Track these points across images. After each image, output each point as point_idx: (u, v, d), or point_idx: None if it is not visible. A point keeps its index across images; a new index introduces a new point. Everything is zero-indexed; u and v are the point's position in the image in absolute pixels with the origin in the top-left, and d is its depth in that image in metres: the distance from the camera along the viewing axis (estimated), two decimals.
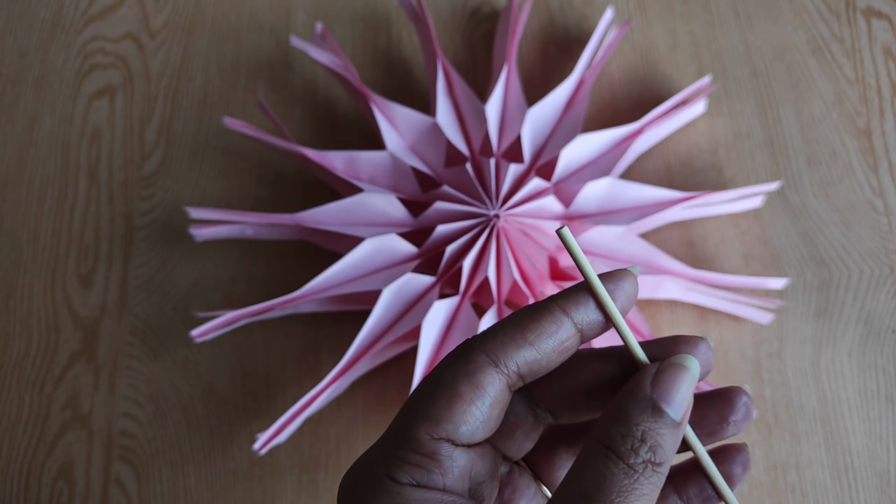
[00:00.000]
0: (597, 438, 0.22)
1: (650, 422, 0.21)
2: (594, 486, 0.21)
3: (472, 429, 0.22)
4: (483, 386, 0.22)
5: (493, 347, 0.23)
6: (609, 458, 0.21)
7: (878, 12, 0.55)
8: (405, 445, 0.22)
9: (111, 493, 0.46)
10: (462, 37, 0.57)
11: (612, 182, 0.47)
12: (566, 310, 0.23)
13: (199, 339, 0.43)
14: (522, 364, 0.23)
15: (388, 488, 0.21)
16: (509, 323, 0.23)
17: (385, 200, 0.47)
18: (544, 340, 0.23)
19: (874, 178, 0.51)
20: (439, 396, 0.22)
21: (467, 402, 0.22)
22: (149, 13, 0.58)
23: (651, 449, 0.21)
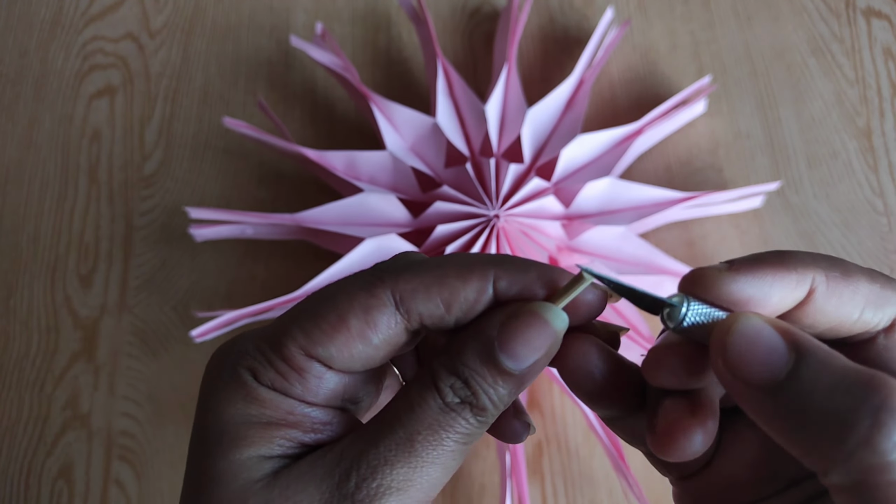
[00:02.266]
0: (427, 368, 0.21)
1: (480, 368, 0.20)
2: (407, 414, 0.20)
3: (350, 363, 0.21)
4: (376, 326, 0.21)
5: (404, 289, 0.21)
6: (429, 389, 0.20)
7: (878, 12, 0.55)
8: (277, 351, 0.21)
9: (111, 492, 0.46)
10: (462, 37, 0.57)
11: (612, 182, 0.47)
12: (497, 280, 0.21)
13: (199, 339, 0.43)
14: (427, 317, 0.21)
15: (246, 382, 0.21)
16: (431, 269, 0.21)
17: (385, 200, 0.47)
18: (458, 303, 0.21)
19: (874, 178, 0.51)
20: (325, 318, 0.20)
21: (353, 336, 0.20)
22: (149, 13, 0.58)
23: (474, 393, 0.20)
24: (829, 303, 0.19)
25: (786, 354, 0.18)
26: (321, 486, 0.20)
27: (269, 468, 0.20)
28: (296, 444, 0.21)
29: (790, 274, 0.19)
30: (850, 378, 0.17)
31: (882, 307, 0.20)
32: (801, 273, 0.19)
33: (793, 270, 0.19)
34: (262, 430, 0.21)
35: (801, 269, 0.19)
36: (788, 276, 0.19)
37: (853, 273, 0.20)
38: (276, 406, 0.21)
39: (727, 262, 0.20)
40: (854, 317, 0.20)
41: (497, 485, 0.45)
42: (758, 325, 0.18)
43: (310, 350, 0.21)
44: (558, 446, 0.46)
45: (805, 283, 0.19)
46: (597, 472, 0.46)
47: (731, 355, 0.18)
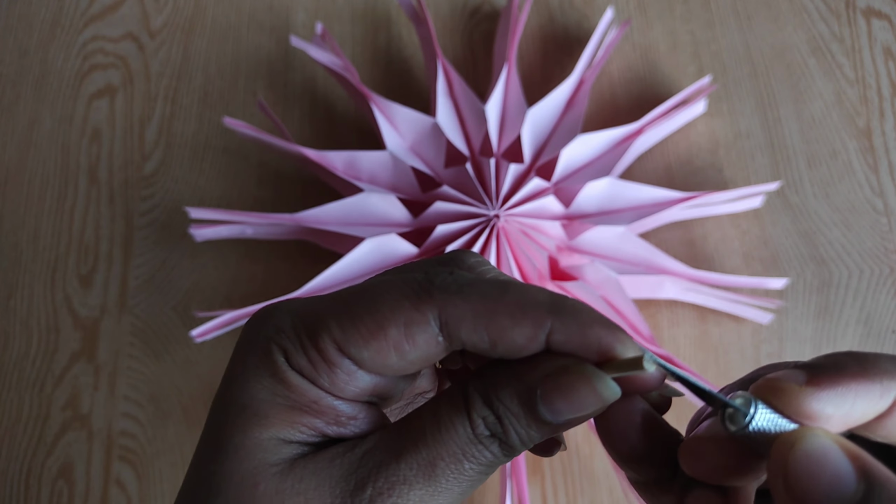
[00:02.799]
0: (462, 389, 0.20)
1: (516, 410, 0.19)
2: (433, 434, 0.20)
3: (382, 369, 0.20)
4: (415, 342, 0.20)
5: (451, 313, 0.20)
6: (460, 414, 0.20)
7: (878, 12, 0.55)
8: (311, 338, 0.20)
9: (111, 493, 0.46)
10: (462, 36, 0.57)
11: (612, 182, 0.47)
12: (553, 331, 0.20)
13: (200, 339, 0.43)
14: (470, 346, 0.20)
15: (276, 362, 0.20)
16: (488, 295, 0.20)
17: (385, 200, 0.47)
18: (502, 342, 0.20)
19: (874, 178, 0.51)
20: (363, 321, 0.20)
21: (390, 346, 0.20)
22: (149, 13, 0.58)
23: (505, 433, 0.20)
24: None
25: (853, 483, 0.16)
26: (335, 489, 0.19)
27: (286, 453, 0.20)
28: (318, 434, 0.21)
29: (874, 386, 0.18)
30: None
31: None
32: (886, 384, 0.18)
33: (877, 382, 0.18)
34: (286, 413, 0.20)
35: (886, 380, 0.18)
36: (872, 389, 0.18)
37: None
38: (302, 392, 0.20)
39: (802, 369, 0.18)
40: None
41: (497, 484, 0.45)
42: (825, 446, 0.17)
43: (343, 347, 0.20)
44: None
45: (890, 394, 0.18)
46: (597, 471, 0.46)
47: (792, 475, 0.17)
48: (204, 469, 0.20)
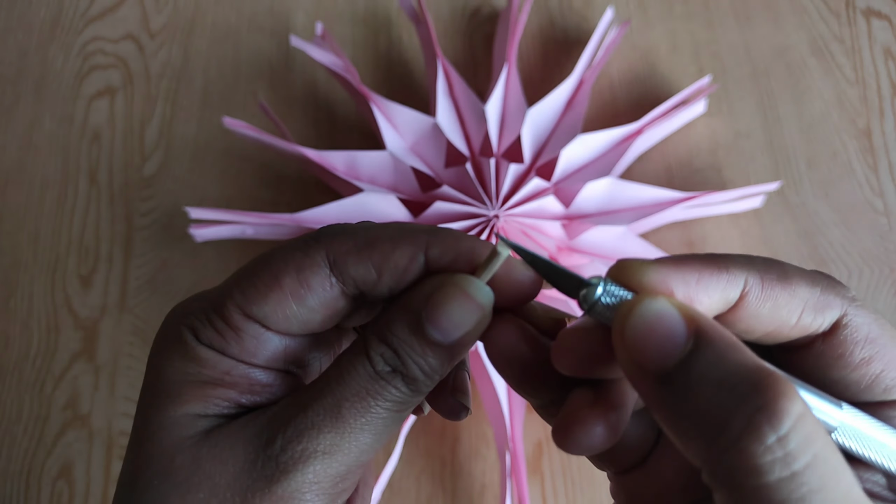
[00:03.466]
0: (360, 336, 0.21)
1: (409, 339, 0.20)
2: (337, 380, 0.20)
3: (286, 323, 0.21)
4: (310, 287, 0.21)
5: (337, 251, 0.21)
6: (360, 356, 0.20)
7: (878, 12, 0.56)
8: (216, 310, 0.21)
9: (111, 493, 0.46)
10: (462, 37, 0.57)
11: (612, 182, 0.47)
12: (429, 248, 0.21)
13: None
14: (360, 281, 0.21)
15: (185, 341, 0.21)
16: (365, 232, 0.21)
17: (385, 200, 0.47)
18: (389, 269, 0.21)
19: (874, 178, 0.51)
20: (260, 278, 0.21)
21: (286, 296, 0.21)
22: (149, 14, 0.58)
23: (403, 363, 0.20)
24: (763, 306, 0.19)
25: (683, 342, 0.17)
26: (248, 447, 0.20)
27: (202, 426, 0.21)
28: (232, 405, 0.21)
29: (720, 273, 0.19)
30: (740, 375, 0.16)
31: (822, 311, 0.19)
32: (733, 273, 0.19)
33: (724, 270, 0.19)
34: (198, 388, 0.21)
35: (734, 271, 0.19)
36: (718, 276, 0.19)
37: (792, 276, 0.19)
38: (213, 365, 0.21)
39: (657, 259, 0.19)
40: (791, 322, 0.19)
41: (497, 484, 0.45)
42: (661, 307, 0.17)
43: (246, 309, 0.21)
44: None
45: (736, 284, 0.19)
46: (597, 471, 0.46)
47: (628, 335, 0.17)
48: (130, 453, 0.21)
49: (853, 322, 0.19)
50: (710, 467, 0.16)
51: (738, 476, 0.15)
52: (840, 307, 0.19)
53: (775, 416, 0.15)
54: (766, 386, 0.16)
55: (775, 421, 0.15)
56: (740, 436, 0.15)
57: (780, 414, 0.15)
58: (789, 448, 0.15)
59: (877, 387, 0.19)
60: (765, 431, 0.15)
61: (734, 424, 0.15)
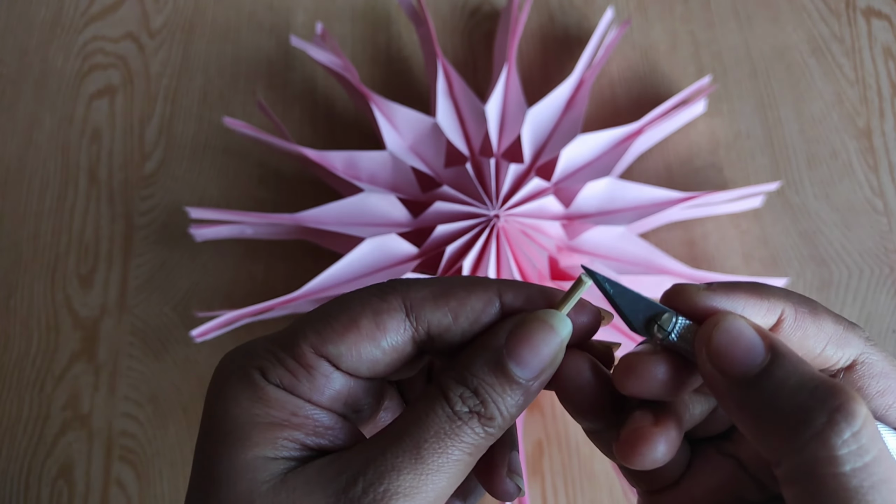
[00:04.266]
0: (436, 381, 0.22)
1: (488, 377, 0.21)
2: (414, 422, 0.21)
3: (357, 364, 0.22)
4: (386, 330, 0.22)
5: (413, 297, 0.22)
6: (438, 399, 0.21)
7: (878, 12, 0.55)
8: (288, 349, 0.21)
9: (111, 493, 0.46)
10: (462, 36, 0.57)
11: (612, 182, 0.47)
12: (502, 294, 0.22)
13: (200, 338, 0.43)
14: (435, 326, 0.22)
15: (254, 380, 0.21)
16: (440, 282, 0.22)
17: (385, 200, 0.47)
18: (465, 313, 0.22)
19: (874, 178, 0.51)
20: (338, 319, 0.21)
21: (362, 337, 0.21)
22: (149, 13, 0.58)
23: (483, 403, 0.21)
24: (794, 334, 0.21)
25: (762, 353, 0.20)
26: (327, 490, 0.20)
27: (275, 470, 0.21)
28: (299, 446, 0.21)
29: (762, 301, 0.21)
30: (816, 381, 0.19)
31: (843, 347, 0.21)
32: (773, 303, 0.21)
33: (765, 299, 0.21)
34: (266, 430, 0.21)
35: (773, 300, 0.21)
36: (760, 303, 0.21)
37: (820, 312, 0.21)
38: (281, 405, 0.21)
39: (706, 284, 0.22)
40: (817, 351, 0.21)
41: None
42: (741, 325, 0.20)
43: (320, 348, 0.21)
44: (559, 446, 0.46)
45: (775, 312, 0.21)
46: (597, 471, 0.46)
47: (714, 346, 0.20)
48: (198, 496, 0.21)
49: (869, 359, 0.22)
50: (790, 458, 0.18)
51: (819, 466, 0.18)
52: (858, 346, 0.21)
53: (851, 415, 0.18)
54: (839, 389, 0.18)
55: (851, 419, 0.18)
56: (823, 429, 0.18)
57: (854, 413, 0.18)
58: (862, 442, 0.18)
59: (892, 416, 0.21)
60: (842, 427, 0.18)
61: (817, 420, 0.18)
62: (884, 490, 0.18)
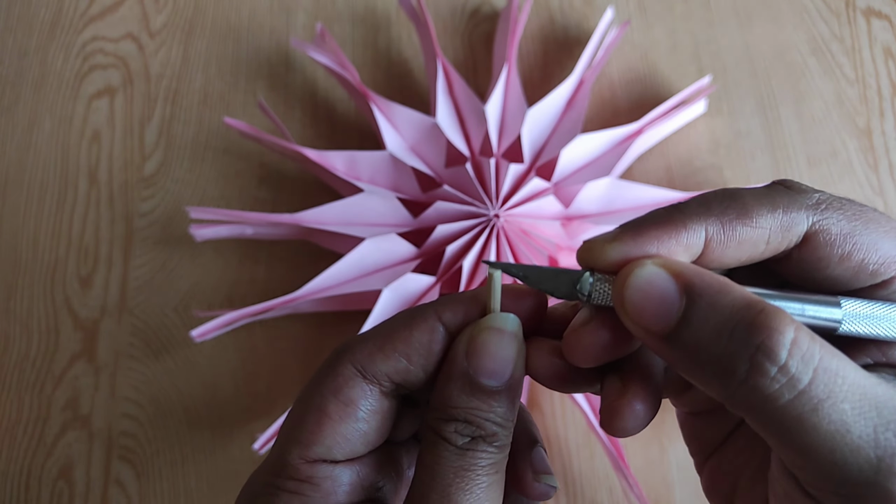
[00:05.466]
0: (426, 425, 0.21)
1: (469, 400, 0.21)
2: (430, 475, 0.20)
3: (349, 447, 0.21)
4: (353, 401, 0.21)
5: (361, 358, 0.21)
6: (438, 443, 0.21)
7: (878, 12, 0.56)
8: (282, 473, 0.21)
9: (111, 493, 0.46)
10: (462, 37, 0.57)
11: (612, 182, 0.47)
12: (441, 315, 0.22)
13: (200, 339, 0.43)
14: (394, 374, 0.22)
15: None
16: (381, 330, 0.22)
17: (385, 200, 0.47)
18: (415, 351, 0.22)
19: (874, 177, 0.51)
20: (308, 418, 0.21)
21: (336, 420, 0.21)
22: (149, 13, 0.58)
23: (478, 426, 0.20)
24: (728, 247, 0.20)
25: (677, 300, 0.19)
26: None
27: None
28: None
29: (679, 231, 0.19)
30: (735, 318, 0.18)
31: (788, 230, 0.20)
32: (691, 228, 0.19)
33: (681, 226, 0.19)
34: None
35: (691, 224, 0.19)
36: (678, 235, 0.19)
37: (751, 208, 0.20)
38: None
39: (619, 227, 0.20)
40: (760, 249, 0.20)
41: None
42: (650, 273, 0.19)
43: (307, 455, 0.21)
44: (559, 446, 0.46)
45: (697, 236, 0.20)
46: (597, 471, 0.46)
47: (627, 306, 0.19)
48: None
49: (823, 227, 0.20)
50: (729, 403, 0.18)
51: (755, 406, 0.18)
52: (805, 220, 0.20)
53: (772, 351, 0.17)
54: (759, 324, 0.17)
55: (773, 355, 0.17)
56: (748, 376, 0.17)
57: (776, 346, 0.17)
58: (791, 373, 0.17)
59: (863, 274, 0.20)
60: (766, 367, 0.17)
61: (740, 367, 0.17)
62: (826, 408, 0.17)
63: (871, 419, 0.17)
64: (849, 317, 0.20)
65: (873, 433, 0.17)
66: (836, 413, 0.17)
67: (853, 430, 0.17)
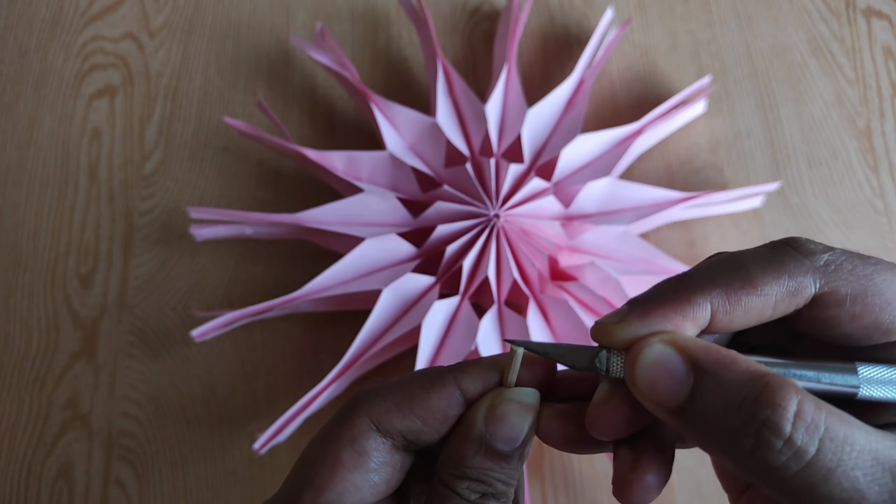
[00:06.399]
0: (439, 480, 0.22)
1: (484, 462, 0.22)
2: None
3: (358, 496, 0.22)
4: (366, 452, 0.22)
5: (378, 413, 0.22)
6: (451, 497, 0.22)
7: (878, 12, 0.55)
8: None
9: (111, 493, 0.46)
10: (462, 36, 0.57)
11: (612, 182, 0.47)
12: (460, 383, 0.23)
13: (200, 338, 0.43)
14: (408, 433, 0.23)
15: None
16: (399, 388, 0.23)
17: (385, 200, 0.47)
18: (431, 415, 0.23)
19: (874, 178, 0.51)
20: (322, 463, 0.22)
21: (349, 469, 0.22)
22: (149, 13, 0.58)
23: (489, 485, 0.22)
24: (735, 316, 0.20)
25: (685, 377, 0.19)
26: None
27: None
28: None
29: (684, 307, 0.20)
30: (742, 394, 0.18)
31: (794, 295, 0.20)
32: (695, 302, 0.20)
33: (686, 302, 0.20)
34: None
35: (696, 298, 0.20)
36: (683, 311, 0.20)
37: (755, 277, 0.20)
38: None
39: (628, 304, 0.21)
40: (767, 314, 0.20)
41: None
42: (658, 354, 0.20)
43: (318, 499, 0.22)
44: None
45: (703, 309, 0.20)
46: (597, 472, 0.46)
47: (638, 385, 0.20)
48: None
49: (830, 287, 0.20)
50: (742, 473, 0.19)
51: (766, 477, 0.18)
52: (812, 284, 0.20)
53: (776, 425, 0.17)
54: (763, 399, 0.18)
55: (777, 428, 0.17)
56: (754, 450, 0.18)
57: (780, 420, 0.17)
58: (797, 445, 0.17)
59: (876, 332, 0.20)
60: (772, 441, 0.17)
61: (746, 442, 0.18)
62: (837, 476, 0.17)
63: (886, 485, 0.17)
64: (866, 382, 0.20)
65: (889, 499, 0.17)
66: (848, 481, 0.17)
67: (868, 497, 0.17)
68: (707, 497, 0.45)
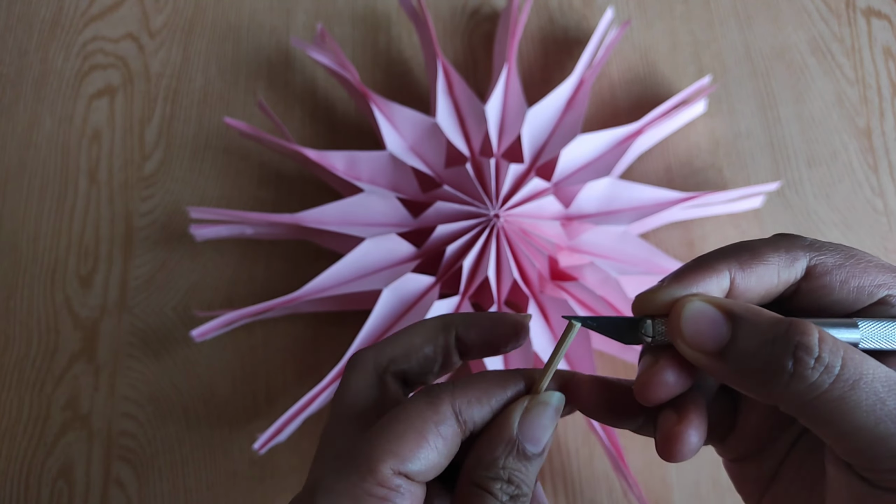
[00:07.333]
0: (471, 482, 0.24)
1: (516, 463, 0.24)
2: None
3: (427, 471, 0.24)
4: (446, 437, 0.24)
5: (461, 403, 0.24)
6: (486, 497, 0.24)
7: (878, 12, 0.56)
8: (370, 478, 0.23)
9: (111, 493, 0.46)
10: (462, 37, 0.57)
11: (612, 182, 0.47)
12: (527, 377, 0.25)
13: (200, 338, 0.43)
14: (479, 422, 0.25)
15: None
16: (479, 382, 0.25)
17: (385, 200, 0.47)
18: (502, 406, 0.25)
19: (874, 178, 0.51)
20: (407, 437, 0.24)
21: (430, 448, 0.24)
22: (149, 13, 0.58)
23: (517, 486, 0.24)
24: (750, 281, 0.24)
25: (724, 324, 0.23)
26: None
27: None
28: None
29: (710, 274, 0.24)
30: (775, 330, 0.22)
31: (792, 264, 0.24)
32: (718, 269, 0.24)
33: (711, 270, 0.24)
34: None
35: (718, 266, 0.24)
36: (709, 276, 0.24)
37: (760, 250, 0.24)
38: None
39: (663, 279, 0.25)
40: (774, 281, 0.24)
41: None
42: (698, 306, 0.23)
43: (400, 468, 0.23)
44: (558, 447, 0.46)
45: (725, 276, 0.24)
46: (597, 472, 0.46)
47: (684, 335, 0.23)
48: None
49: (820, 261, 0.24)
50: (783, 399, 0.22)
51: (805, 396, 0.21)
52: (804, 256, 0.24)
53: (808, 346, 0.21)
54: (792, 330, 0.21)
55: (809, 348, 0.21)
56: (795, 370, 0.21)
57: (810, 342, 0.21)
58: (826, 361, 0.21)
59: (862, 295, 0.24)
60: (806, 360, 0.21)
61: (787, 365, 0.21)
62: (863, 385, 0.21)
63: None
64: (867, 335, 0.23)
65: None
66: (871, 390, 0.21)
67: (888, 403, 0.21)
68: (704, 497, 0.45)
